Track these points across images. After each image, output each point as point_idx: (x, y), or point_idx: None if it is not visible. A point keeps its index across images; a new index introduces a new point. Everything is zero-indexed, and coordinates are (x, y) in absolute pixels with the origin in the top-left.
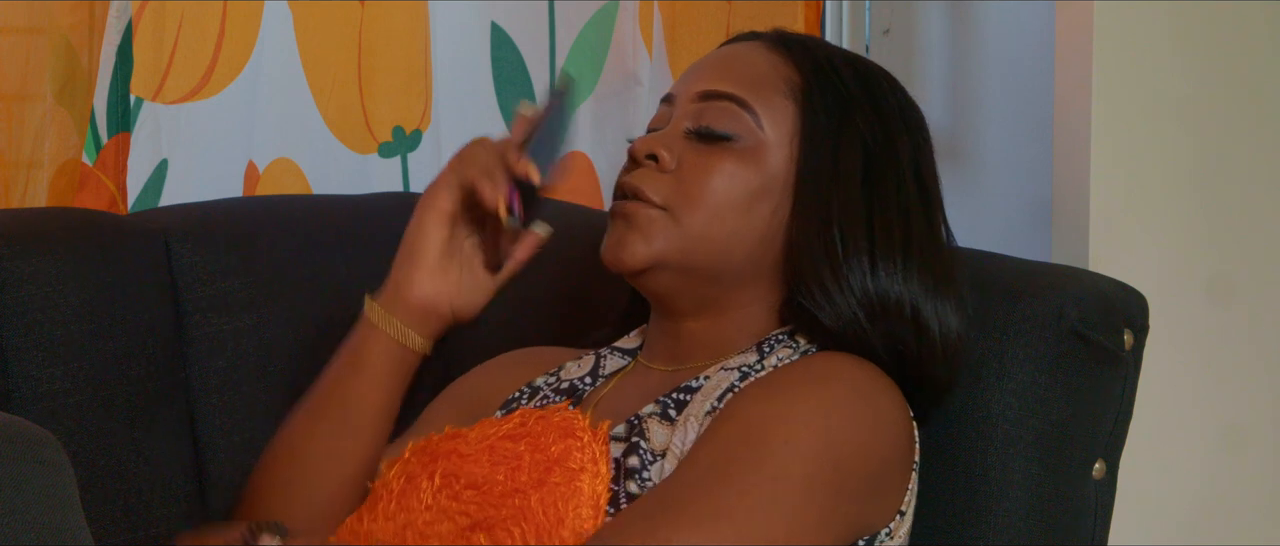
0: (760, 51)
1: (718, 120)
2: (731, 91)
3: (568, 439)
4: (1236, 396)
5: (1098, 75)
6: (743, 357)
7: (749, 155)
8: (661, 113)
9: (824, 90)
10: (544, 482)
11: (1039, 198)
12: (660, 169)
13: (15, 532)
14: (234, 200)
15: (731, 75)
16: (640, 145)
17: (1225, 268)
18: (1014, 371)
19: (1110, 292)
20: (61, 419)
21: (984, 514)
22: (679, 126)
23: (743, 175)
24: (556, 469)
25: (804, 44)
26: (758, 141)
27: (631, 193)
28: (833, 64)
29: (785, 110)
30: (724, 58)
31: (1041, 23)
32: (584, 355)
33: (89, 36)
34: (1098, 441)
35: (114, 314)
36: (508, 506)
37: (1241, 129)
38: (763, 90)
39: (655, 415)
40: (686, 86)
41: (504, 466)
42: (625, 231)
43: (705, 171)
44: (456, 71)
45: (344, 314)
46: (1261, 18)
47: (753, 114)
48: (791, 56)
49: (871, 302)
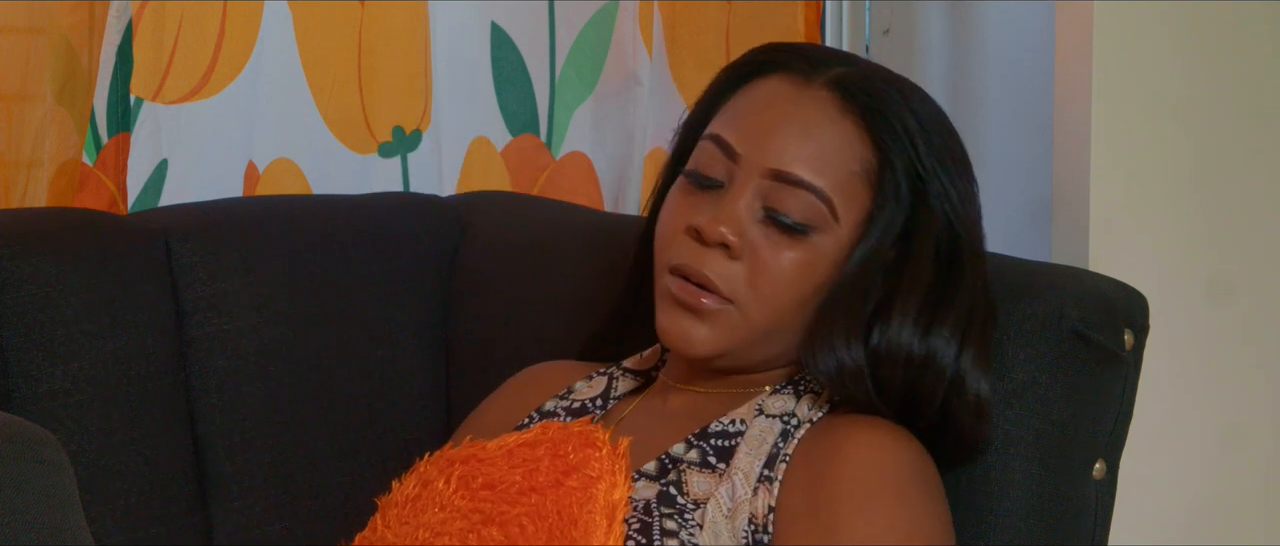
0: (834, 117)
1: (794, 209)
2: (812, 182)
3: (587, 448)
4: (1236, 396)
5: (1098, 75)
6: (780, 401)
7: (820, 247)
8: (717, 162)
9: (897, 173)
10: (561, 485)
11: (1039, 198)
12: (730, 256)
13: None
14: (234, 200)
15: (811, 156)
16: (711, 229)
17: (1225, 268)
18: (1014, 371)
19: (1110, 293)
20: (61, 419)
21: (984, 514)
22: (747, 202)
23: (813, 269)
24: (574, 474)
25: (877, 106)
26: (832, 234)
27: (700, 281)
28: (908, 132)
29: (860, 196)
30: (801, 127)
31: (1041, 23)
32: (594, 374)
33: (89, 36)
34: (1098, 441)
35: (114, 314)
36: (522, 504)
37: (1241, 129)
38: (840, 177)
39: (694, 465)
40: (756, 153)
41: (521, 468)
42: (693, 320)
43: (778, 269)
44: (456, 71)
45: (344, 314)
46: (1261, 18)
47: (832, 209)
48: (866, 125)
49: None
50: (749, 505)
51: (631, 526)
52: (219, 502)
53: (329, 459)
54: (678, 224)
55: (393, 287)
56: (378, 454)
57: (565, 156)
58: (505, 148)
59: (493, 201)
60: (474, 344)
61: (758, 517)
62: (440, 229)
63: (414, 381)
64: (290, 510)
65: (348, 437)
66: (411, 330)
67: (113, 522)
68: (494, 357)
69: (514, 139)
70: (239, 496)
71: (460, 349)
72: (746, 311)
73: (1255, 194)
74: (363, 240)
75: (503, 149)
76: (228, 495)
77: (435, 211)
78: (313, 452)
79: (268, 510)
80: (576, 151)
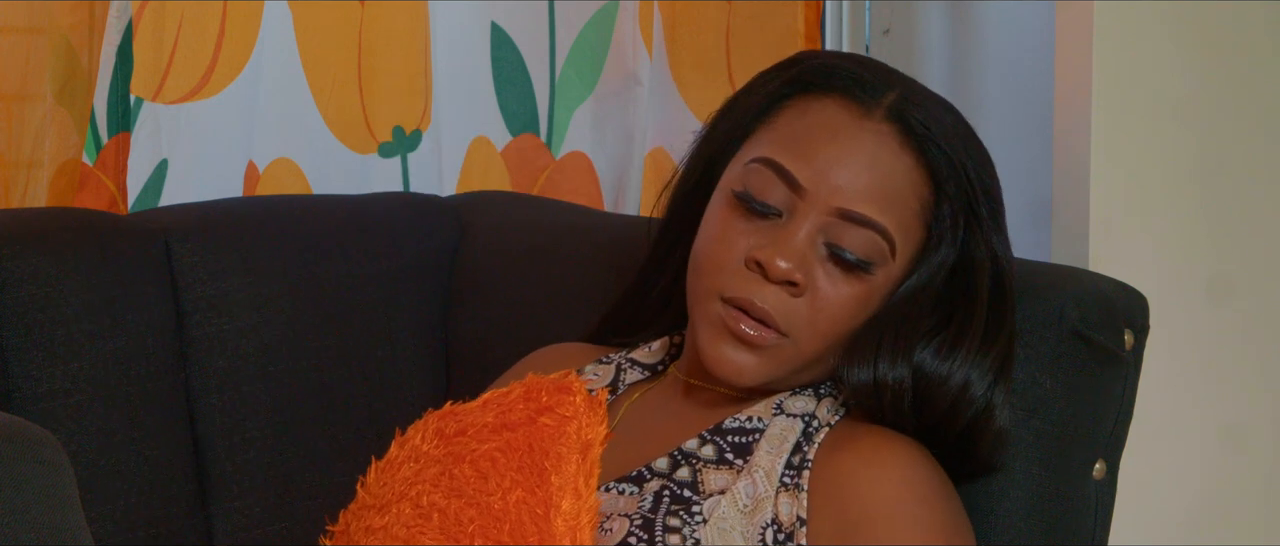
0: (896, 153)
1: (858, 247)
2: (882, 224)
3: (562, 393)
4: (1236, 396)
5: (1098, 75)
6: (801, 402)
7: (875, 284)
8: (777, 190)
9: (954, 209)
10: (533, 422)
11: (1039, 198)
12: (793, 294)
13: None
14: (234, 200)
15: (876, 195)
16: (776, 267)
17: (1225, 268)
18: (1014, 371)
19: (1110, 293)
20: (61, 419)
21: (984, 514)
22: (810, 236)
23: (866, 306)
24: (548, 414)
25: (936, 141)
26: (887, 270)
27: (760, 316)
28: (966, 173)
29: (915, 233)
30: (868, 162)
31: (1041, 23)
32: (604, 361)
33: (89, 36)
34: (1098, 441)
35: (114, 314)
36: (494, 440)
37: (1241, 129)
38: (899, 213)
39: (711, 462)
40: (826, 190)
41: (494, 410)
42: (746, 354)
43: (837, 306)
44: (456, 71)
45: (344, 314)
46: (1261, 18)
47: (891, 243)
48: (925, 162)
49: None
50: (772, 505)
51: (634, 522)
52: (219, 502)
53: (329, 459)
54: (734, 252)
55: (393, 287)
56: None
57: (565, 156)
58: (505, 148)
59: (493, 201)
60: (474, 344)
61: (783, 523)
62: (440, 229)
63: (414, 381)
64: (290, 510)
65: (348, 437)
66: (411, 330)
67: (113, 522)
68: (494, 357)
69: (514, 139)
70: (239, 496)
71: (460, 349)
72: (799, 345)
73: (1255, 194)
74: (363, 240)
75: (503, 149)
76: (228, 495)
77: (435, 211)
78: (313, 452)
79: (268, 510)
80: (576, 151)
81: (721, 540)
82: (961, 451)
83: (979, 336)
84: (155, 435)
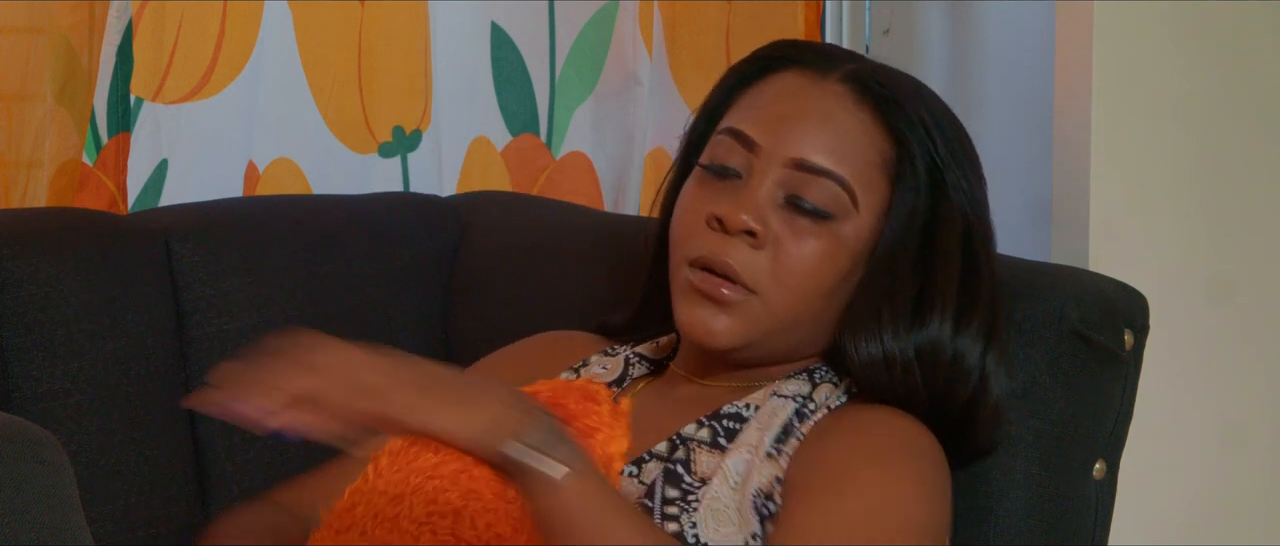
0: (851, 110)
1: (816, 197)
2: (837, 172)
3: (587, 402)
4: (1236, 396)
5: (1098, 75)
6: (795, 386)
7: (842, 236)
8: (736, 153)
9: (914, 165)
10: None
11: (1039, 198)
12: (753, 245)
13: (15, 532)
14: (234, 200)
15: (832, 147)
16: (734, 217)
17: (1225, 268)
18: (1014, 371)
19: (1110, 293)
20: (61, 419)
21: (984, 514)
22: (769, 191)
23: (836, 259)
24: (572, 424)
25: (894, 98)
26: (852, 223)
27: (723, 271)
28: (924, 125)
29: (879, 187)
30: (821, 118)
31: (1041, 23)
32: (610, 354)
33: (89, 36)
34: (1098, 441)
35: (114, 314)
36: None
37: (1241, 129)
38: (860, 166)
39: (704, 444)
40: (776, 143)
41: None
42: (715, 310)
43: (801, 258)
44: (456, 71)
45: (344, 314)
46: (1261, 18)
47: (853, 197)
48: (883, 118)
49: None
50: (758, 475)
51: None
52: (219, 502)
53: (329, 459)
54: (697, 215)
55: (393, 287)
56: None
57: (565, 156)
58: (505, 148)
59: (493, 201)
60: (474, 344)
61: (765, 488)
62: (440, 229)
63: None
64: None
65: None
66: (411, 330)
67: (113, 522)
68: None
69: (514, 139)
70: (239, 496)
71: (460, 349)
72: (769, 301)
73: (1255, 194)
74: (363, 240)
75: (503, 149)
76: (228, 495)
77: (435, 211)
78: (313, 452)
79: None
80: (576, 151)
81: (716, 521)
82: (960, 432)
83: (953, 296)
84: (155, 435)
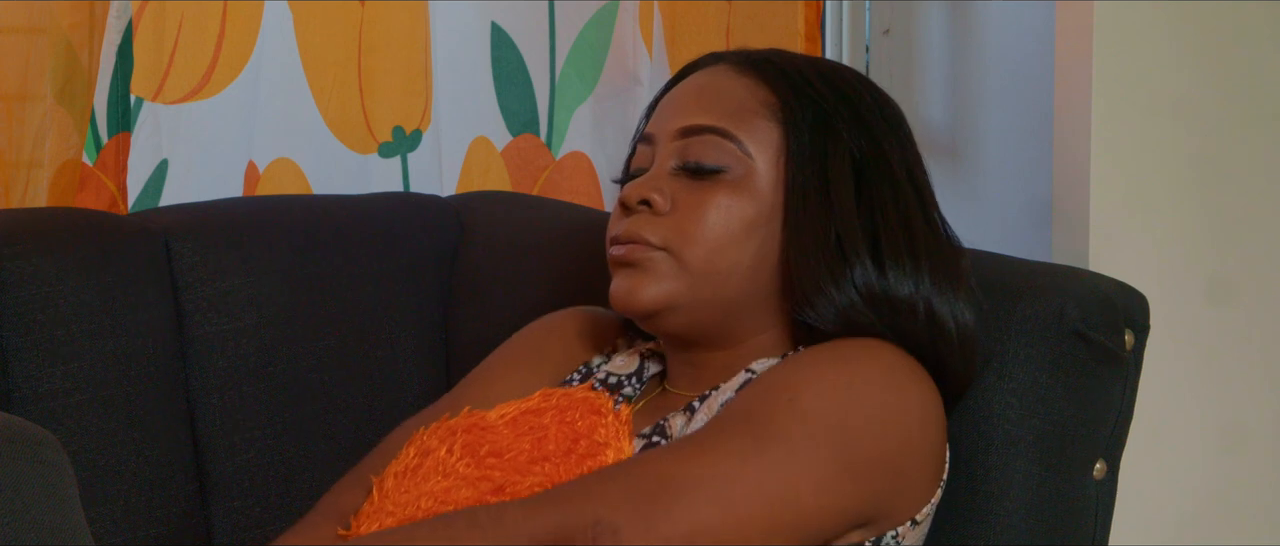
0: (730, 76)
1: (705, 154)
2: (714, 124)
3: (593, 415)
4: (1236, 396)
5: (1098, 75)
6: (763, 364)
7: (740, 185)
8: (642, 153)
9: (802, 106)
10: (571, 452)
11: (1039, 198)
12: (655, 213)
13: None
14: (234, 200)
15: (709, 106)
16: (631, 192)
17: (1225, 268)
18: (1014, 371)
19: (1110, 292)
20: (61, 419)
21: (984, 514)
22: (665, 166)
23: (738, 206)
24: (582, 441)
25: (771, 61)
26: (747, 169)
27: (629, 239)
28: (805, 77)
29: (768, 132)
30: (697, 89)
31: (1041, 23)
32: (633, 347)
33: (89, 36)
34: (1098, 441)
35: (114, 314)
36: (533, 473)
37: (1241, 129)
38: (744, 117)
39: (678, 412)
40: (665, 124)
41: (529, 437)
42: (632, 275)
43: (700, 208)
44: (456, 71)
45: (344, 314)
46: (1261, 18)
47: (738, 143)
48: (763, 76)
49: (880, 305)
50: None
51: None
52: (219, 502)
53: (329, 459)
54: (614, 212)
55: (393, 287)
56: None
57: (565, 156)
58: (505, 148)
59: (493, 201)
60: (474, 344)
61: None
62: (440, 229)
63: (414, 381)
64: (290, 510)
65: (348, 437)
66: (411, 330)
67: (113, 522)
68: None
69: (514, 139)
70: (239, 496)
71: (460, 349)
72: (680, 255)
73: (1255, 194)
74: (363, 240)
75: (503, 149)
76: (228, 495)
77: (435, 211)
78: (313, 452)
79: (268, 510)
80: (576, 151)
81: None
82: (940, 369)
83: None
84: (155, 435)
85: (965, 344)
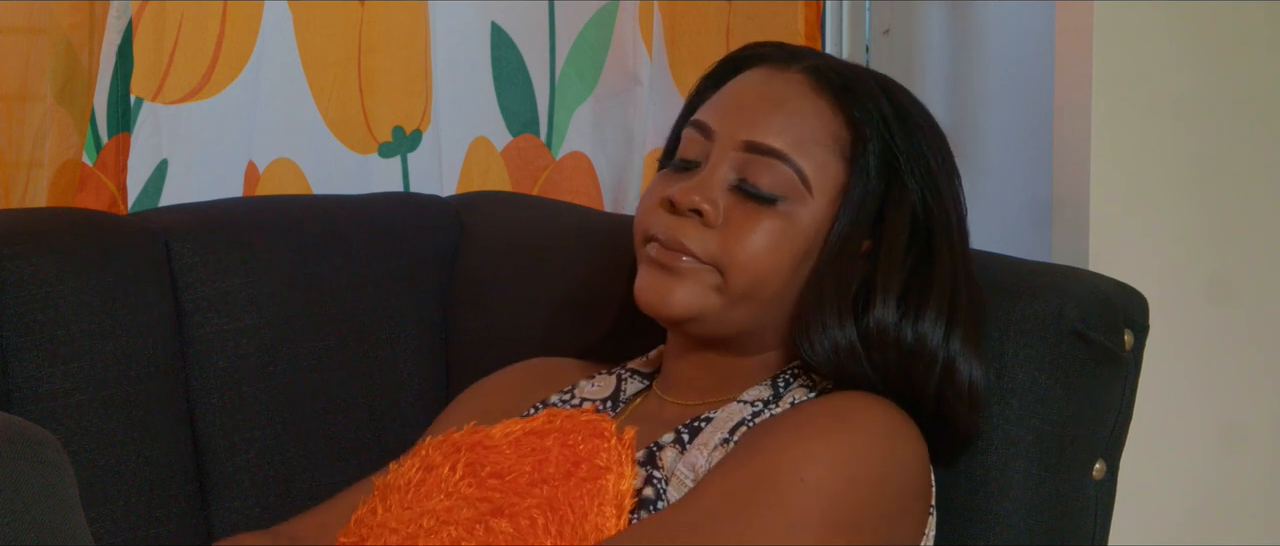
0: (806, 95)
1: (765, 178)
2: (782, 150)
3: (595, 439)
4: (1236, 396)
5: (1098, 75)
6: (757, 392)
7: (793, 216)
8: (692, 141)
9: (872, 149)
10: (571, 476)
11: (1039, 198)
12: (704, 223)
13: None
14: (234, 200)
15: (782, 128)
16: (683, 196)
17: (1225, 268)
18: (1014, 371)
19: (1110, 293)
20: (61, 419)
21: (984, 514)
22: (721, 176)
23: (788, 237)
24: (584, 465)
25: (850, 89)
26: (803, 203)
27: (674, 245)
28: (882, 115)
29: (834, 169)
30: (771, 101)
31: (1041, 22)
32: (598, 374)
33: (89, 36)
34: (1098, 441)
35: (114, 314)
36: (533, 495)
37: (1241, 128)
38: (812, 148)
39: (671, 443)
40: (729, 125)
41: (531, 458)
42: (669, 279)
43: (752, 232)
44: (456, 71)
45: (344, 314)
46: (1261, 18)
47: (802, 175)
48: (840, 105)
49: (893, 350)
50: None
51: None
52: (219, 502)
53: (329, 459)
54: (653, 200)
55: (393, 287)
56: (378, 454)
57: (565, 156)
58: (505, 148)
59: (493, 201)
60: (474, 344)
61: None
62: (440, 229)
63: (414, 381)
64: (290, 510)
65: (348, 437)
66: (411, 330)
67: (113, 522)
68: (494, 357)
69: (514, 139)
70: (239, 496)
71: (460, 349)
72: (724, 275)
73: (1255, 194)
74: (363, 240)
75: (503, 149)
76: (228, 495)
77: (435, 211)
78: (313, 452)
79: (268, 510)
80: (576, 151)
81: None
82: (942, 423)
83: (898, 280)
84: (155, 435)
85: (974, 403)
